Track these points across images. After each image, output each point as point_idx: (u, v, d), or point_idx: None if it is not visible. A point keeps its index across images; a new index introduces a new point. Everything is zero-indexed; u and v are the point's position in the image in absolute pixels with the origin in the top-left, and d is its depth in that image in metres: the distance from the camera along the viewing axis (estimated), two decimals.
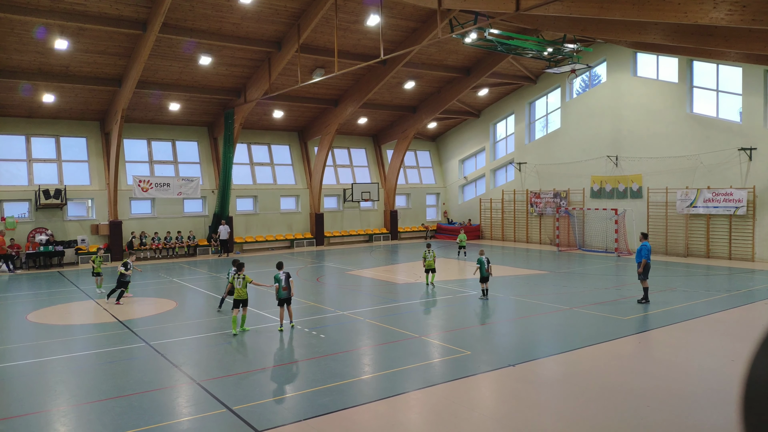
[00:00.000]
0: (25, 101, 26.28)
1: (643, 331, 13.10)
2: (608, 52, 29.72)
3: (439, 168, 41.55)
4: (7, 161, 27.34)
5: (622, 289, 18.35)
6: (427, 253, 18.89)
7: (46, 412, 8.71)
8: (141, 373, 10.47)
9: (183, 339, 13.02)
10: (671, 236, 27.32)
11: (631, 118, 29.04)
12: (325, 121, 33.40)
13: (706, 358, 10.91)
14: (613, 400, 8.76)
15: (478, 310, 15.85)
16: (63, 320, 15.52)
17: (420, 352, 11.54)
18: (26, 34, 21.89)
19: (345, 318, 14.75)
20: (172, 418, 8.30)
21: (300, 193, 35.13)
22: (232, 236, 31.61)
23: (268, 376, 10.29)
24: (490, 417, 8.36)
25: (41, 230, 26.97)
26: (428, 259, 18.81)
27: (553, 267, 24.16)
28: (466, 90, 32.52)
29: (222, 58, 26.09)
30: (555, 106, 33.67)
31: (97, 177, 29.11)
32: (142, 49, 23.04)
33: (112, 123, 27.63)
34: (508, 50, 25.48)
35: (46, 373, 10.67)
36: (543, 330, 13.48)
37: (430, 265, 18.85)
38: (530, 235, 34.65)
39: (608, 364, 10.63)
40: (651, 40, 19.42)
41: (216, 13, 22.73)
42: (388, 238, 37.50)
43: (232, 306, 13.43)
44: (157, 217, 30.43)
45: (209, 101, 29.95)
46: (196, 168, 32.19)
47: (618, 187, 29.61)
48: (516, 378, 9.86)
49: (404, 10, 24.75)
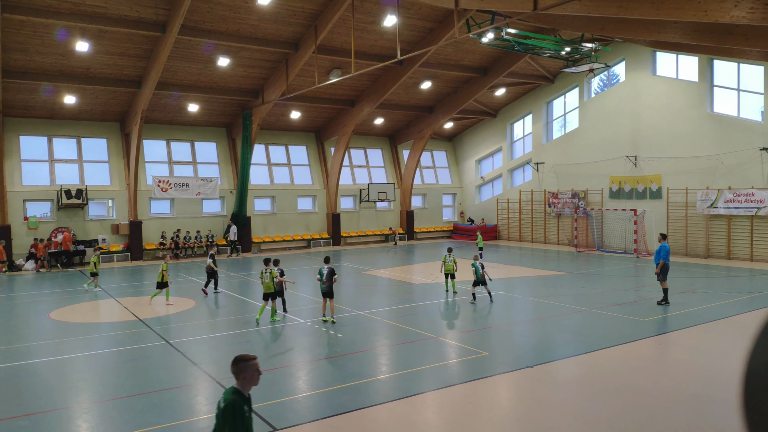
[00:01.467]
0: (47, 102, 26.71)
1: (663, 333, 12.97)
2: (627, 51, 29.45)
3: (456, 168, 41.46)
4: (30, 162, 27.80)
5: (641, 291, 18.19)
6: (447, 258, 17.90)
7: (68, 408, 8.86)
8: (161, 371, 10.60)
9: (202, 337, 13.16)
10: (691, 237, 27.00)
11: (650, 117, 28.75)
12: (341, 122, 33.51)
13: (725, 360, 10.77)
14: (632, 402, 8.70)
15: (496, 311, 15.80)
16: (84, 318, 15.76)
17: (437, 353, 11.55)
18: (48, 37, 22.25)
19: (362, 318, 14.80)
20: (191, 416, 8.40)
21: (317, 194, 35.27)
22: (248, 236, 31.81)
23: (286, 374, 10.36)
24: (507, 418, 8.34)
25: (63, 230, 27.37)
26: (448, 263, 17.84)
27: (571, 268, 24.01)
28: (483, 90, 32.41)
29: (240, 59, 26.29)
30: (573, 105, 33.44)
31: (117, 177, 29.49)
32: (162, 51, 23.30)
33: (132, 124, 27.98)
34: (526, 50, 25.35)
35: (68, 370, 10.85)
36: (561, 331, 13.42)
37: (450, 270, 17.85)
38: (548, 235, 34.44)
39: (627, 365, 10.55)
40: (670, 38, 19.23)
41: (234, 14, 22.91)
42: (404, 238, 37.51)
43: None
44: (177, 216, 30.74)
45: (227, 102, 30.19)
46: (214, 168, 32.47)
47: (637, 187, 29.33)
48: (534, 379, 9.83)
49: (421, 11, 24.75)
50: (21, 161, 27.42)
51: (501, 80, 32.31)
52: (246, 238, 31.77)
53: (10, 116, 26.87)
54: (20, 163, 27.37)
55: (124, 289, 20.43)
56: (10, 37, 21.82)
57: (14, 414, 8.50)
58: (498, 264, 25.19)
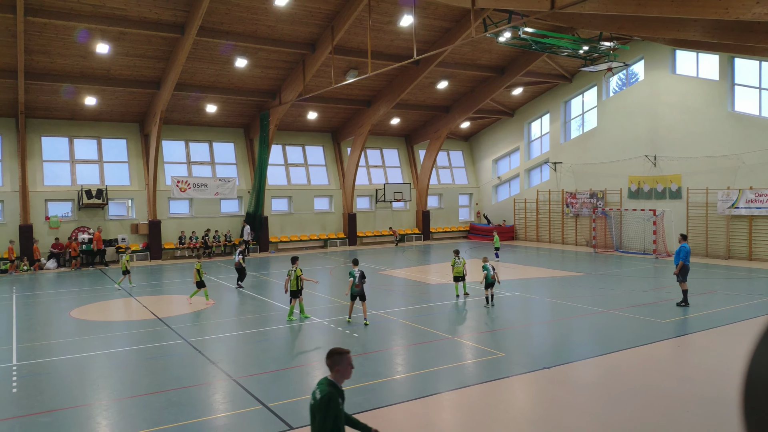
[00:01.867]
0: (68, 104, 27.11)
1: (682, 335, 12.82)
2: (646, 49, 29.13)
3: (472, 168, 41.32)
4: (52, 162, 28.24)
5: (660, 292, 17.99)
6: (456, 260, 17.25)
7: (88, 405, 8.99)
8: (179, 370, 10.71)
9: (220, 336, 13.28)
10: (711, 238, 26.63)
11: (669, 116, 28.42)
12: (358, 122, 33.57)
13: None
14: (651, 405, 8.61)
15: (513, 312, 15.73)
16: (104, 317, 15.97)
17: (453, 353, 11.53)
18: (69, 39, 22.58)
19: (378, 317, 14.82)
20: (209, 414, 8.48)
21: (333, 194, 35.38)
22: (266, 236, 32.01)
23: (303, 373, 10.41)
24: (524, 419, 8.31)
25: (84, 229, 27.77)
26: (457, 266, 17.22)
27: (589, 269, 23.82)
28: (500, 89, 32.26)
29: (257, 60, 26.46)
30: (591, 104, 33.16)
31: (136, 177, 29.84)
32: (180, 52, 23.53)
33: (152, 125, 28.29)
34: (543, 49, 25.19)
35: (88, 367, 11.01)
36: (579, 332, 13.32)
37: (460, 273, 17.25)
38: (566, 236, 34.20)
39: (646, 367, 10.44)
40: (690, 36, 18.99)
41: (251, 16, 23.06)
42: (420, 238, 37.47)
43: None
44: (195, 216, 31.03)
45: (245, 103, 30.40)
46: (232, 169, 32.72)
47: (656, 187, 29.00)
48: (551, 380, 9.77)
49: (437, 10, 24.71)
50: (43, 162, 27.87)
51: (518, 79, 32.13)
52: (263, 237, 31.97)
53: (32, 117, 27.32)
54: (42, 164, 27.82)
55: (143, 288, 20.66)
56: (33, 39, 22.17)
57: (36, 410, 8.65)
58: (515, 265, 25.06)
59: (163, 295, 19.41)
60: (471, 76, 31.84)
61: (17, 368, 10.86)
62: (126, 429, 7.93)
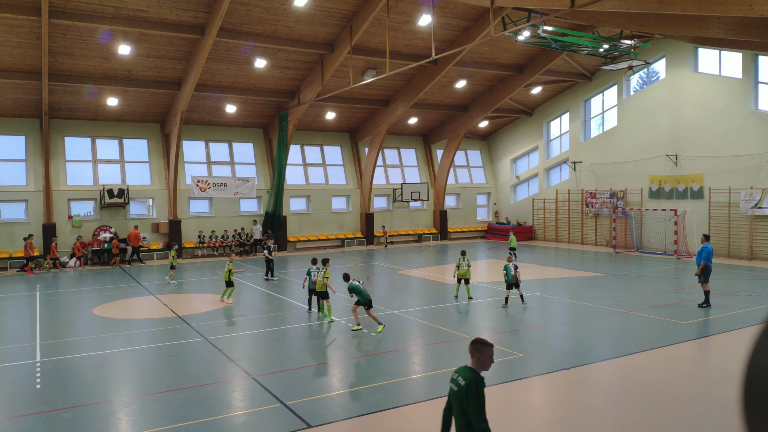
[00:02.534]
0: (90, 104, 27.51)
1: (704, 336, 12.65)
2: (667, 47, 28.76)
3: (491, 167, 41.13)
4: (74, 162, 28.69)
5: (681, 293, 17.76)
6: (461, 261, 17.00)
7: (110, 402, 9.12)
8: (199, 367, 10.82)
9: (239, 334, 13.38)
10: (734, 238, 26.22)
11: (691, 115, 28.03)
12: (375, 122, 33.60)
13: None
14: (672, 407, 8.51)
15: (531, 312, 15.64)
16: (125, 314, 16.19)
17: None
18: (92, 41, 22.91)
19: (395, 317, 14.83)
20: (228, 412, 8.55)
21: (351, 193, 35.46)
22: (284, 235, 32.19)
23: (321, 372, 10.46)
24: (543, 420, 8.26)
25: (105, 228, 28.16)
26: (462, 267, 16.95)
27: (609, 269, 23.59)
28: (519, 88, 32.07)
29: (276, 60, 26.61)
30: (611, 103, 32.83)
31: (157, 177, 30.19)
32: (201, 53, 23.76)
33: (172, 125, 28.60)
34: (563, 47, 24.99)
35: (110, 365, 11.17)
36: (598, 333, 13.21)
37: (464, 275, 16.97)
38: (585, 236, 33.90)
39: (666, 369, 10.32)
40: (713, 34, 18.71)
41: (271, 16, 23.20)
42: (437, 238, 37.41)
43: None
44: (215, 216, 31.31)
45: (264, 103, 30.59)
46: (251, 168, 32.96)
47: (678, 187, 28.62)
48: (570, 382, 9.70)
49: (456, 9, 24.63)
50: (66, 161, 28.32)
51: (537, 78, 31.92)
52: (281, 237, 32.15)
53: (55, 118, 27.77)
54: (65, 164, 28.27)
55: (163, 286, 20.90)
56: (57, 41, 22.53)
57: (59, 406, 8.80)
58: (534, 265, 24.90)
59: (183, 294, 19.62)
60: (489, 75, 31.69)
61: (41, 365, 11.05)
62: (146, 426, 8.04)
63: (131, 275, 23.78)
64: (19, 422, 8.23)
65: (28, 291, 20.24)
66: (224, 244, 30.61)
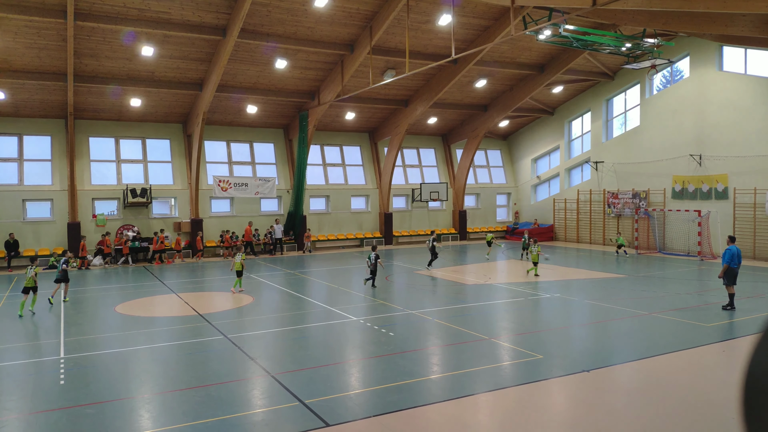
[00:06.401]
0: (114, 105, 27.93)
1: (728, 339, 12.44)
2: (691, 46, 28.32)
3: (511, 167, 40.89)
4: (99, 162, 29.16)
5: (705, 295, 17.49)
6: (533, 248, 22.01)
7: (131, 398, 9.25)
8: (219, 365, 10.93)
9: (259, 333, 13.48)
10: (759, 239, 25.73)
11: (716, 115, 27.57)
12: (395, 122, 33.61)
13: None
14: (694, 411, 8.39)
15: (552, 313, 15.53)
16: (147, 312, 16.41)
17: (490, 354, 11.45)
18: (116, 42, 23.25)
19: (414, 317, 14.82)
20: (247, 409, 8.62)
21: (370, 193, 35.52)
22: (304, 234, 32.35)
23: (340, 371, 10.49)
24: (562, 422, 8.20)
25: (129, 227, 28.57)
26: (533, 253, 21.84)
27: (631, 270, 23.31)
28: (540, 87, 31.84)
29: (297, 61, 26.76)
30: (634, 102, 32.43)
31: (179, 177, 30.55)
32: (222, 54, 23.98)
33: (194, 125, 28.91)
34: (584, 46, 24.76)
35: (132, 361, 11.33)
36: (620, 335, 13.06)
37: (535, 259, 21.73)
38: (607, 236, 33.52)
39: (689, 372, 10.18)
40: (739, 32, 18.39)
41: (292, 17, 23.33)
42: (456, 238, 37.29)
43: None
44: (236, 215, 31.58)
45: (285, 104, 30.78)
46: (272, 168, 33.19)
47: (701, 187, 28.17)
48: (590, 384, 9.61)
49: (476, 9, 24.54)
50: (90, 161, 28.80)
51: (558, 77, 31.66)
52: (301, 236, 32.31)
53: (80, 118, 28.25)
54: (89, 164, 28.75)
55: (185, 284, 21.14)
56: (82, 43, 22.92)
57: (82, 402, 8.95)
58: (554, 266, 24.69)
59: (204, 292, 19.82)
60: (510, 74, 31.52)
61: (65, 361, 11.25)
62: (167, 422, 8.14)
63: (153, 274, 24.08)
64: (43, 417, 8.39)
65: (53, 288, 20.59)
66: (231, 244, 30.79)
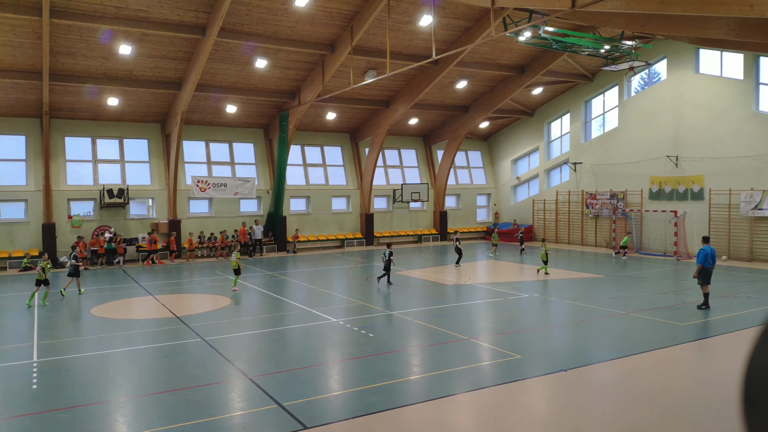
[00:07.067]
0: (91, 104, 27.51)
1: (703, 338, 12.61)
2: (669, 48, 28.72)
3: (491, 168, 41.10)
4: (75, 162, 28.69)
5: (681, 294, 17.72)
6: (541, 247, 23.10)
7: (107, 402, 9.10)
8: (196, 368, 10.80)
9: (237, 335, 13.36)
10: (734, 240, 26.17)
11: (692, 116, 27.98)
12: (376, 122, 33.58)
13: None
14: (670, 409, 8.48)
15: (530, 313, 15.62)
16: (123, 315, 16.17)
17: (469, 355, 11.47)
18: (93, 41, 22.91)
19: (393, 318, 14.80)
20: (224, 413, 8.53)
21: (351, 194, 35.44)
22: (284, 235, 32.18)
23: (318, 373, 10.43)
24: (540, 422, 8.23)
25: (105, 228, 28.15)
26: (541, 252, 22.58)
27: (608, 270, 23.55)
28: (520, 89, 32.05)
29: (277, 61, 26.60)
30: (612, 104, 32.79)
31: (157, 177, 30.19)
32: (201, 53, 23.75)
33: (172, 125, 28.59)
34: (564, 48, 24.94)
35: (107, 365, 11.15)
36: (597, 335, 13.17)
37: (543, 257, 22.39)
38: (585, 237, 33.86)
39: (665, 371, 10.29)
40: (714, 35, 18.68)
41: (272, 17, 23.19)
42: (437, 239, 37.38)
43: None
44: (215, 216, 31.30)
45: (265, 104, 30.58)
46: (251, 169, 32.95)
47: (678, 188, 28.58)
48: (568, 383, 9.67)
49: (457, 10, 24.61)
50: (66, 161, 28.32)
51: (538, 79, 31.89)
52: (281, 237, 32.13)
53: (56, 118, 27.78)
54: (65, 164, 28.27)
55: (162, 286, 20.89)
56: (58, 41, 22.54)
57: (55, 407, 8.78)
58: (533, 266, 24.85)
59: (182, 294, 19.61)
60: (490, 75, 31.68)
61: (38, 365, 11.03)
62: (142, 426, 8.01)
63: (130, 276, 23.76)
64: (15, 423, 8.21)
65: (28, 291, 20.20)
66: (225, 244, 30.56)
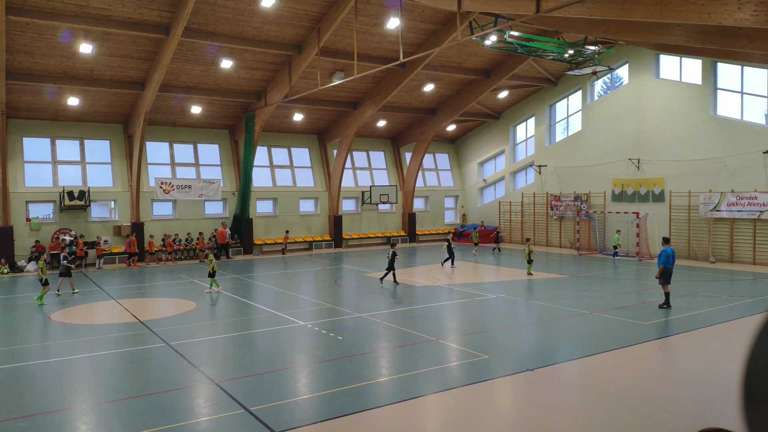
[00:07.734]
0: (50, 104, 26.78)
1: (665, 337, 12.92)
2: (630, 53, 29.39)
3: (458, 170, 41.42)
4: (33, 163, 27.87)
5: (643, 294, 18.12)
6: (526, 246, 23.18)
7: (68, 410, 8.85)
8: (160, 373, 10.59)
9: (202, 339, 13.15)
10: (694, 240, 26.91)
11: (653, 120, 28.69)
12: (344, 124, 33.52)
13: (728, 364, 10.71)
14: (633, 407, 8.65)
15: (497, 313, 15.76)
16: (85, 320, 15.76)
17: (438, 356, 11.51)
18: (53, 39, 22.32)
19: (362, 320, 14.77)
20: (190, 418, 8.38)
21: (319, 196, 35.28)
22: (250, 237, 31.83)
23: (286, 377, 10.34)
24: (508, 421, 8.31)
25: (65, 231, 27.42)
26: (525, 251, 22.96)
27: (573, 271, 23.94)
28: (486, 92, 32.39)
29: (243, 61, 26.33)
30: (576, 108, 33.40)
31: (120, 179, 29.54)
32: (165, 53, 23.35)
33: (135, 126, 28.03)
34: (529, 52, 25.34)
35: (68, 371, 10.84)
36: (562, 334, 13.37)
37: (526, 256, 22.76)
38: (550, 238, 34.38)
39: (628, 369, 10.50)
40: (674, 41, 19.16)
41: (238, 17, 22.94)
42: (406, 240, 37.48)
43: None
44: (179, 218, 30.77)
45: (230, 104, 30.23)
46: (217, 170, 32.51)
47: (640, 190, 29.25)
48: (535, 382, 9.79)
49: (424, 13, 24.75)
50: (24, 163, 27.47)
51: (504, 83, 32.29)
52: (248, 240, 31.79)
53: (13, 118, 26.94)
54: (23, 165, 27.42)
55: (125, 290, 20.44)
56: (15, 39, 21.88)
57: (13, 415, 8.50)
58: (500, 267, 25.13)
59: (146, 298, 19.22)
60: (457, 79, 31.94)
61: None
62: None
63: (92, 279, 23.18)
64: None
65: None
66: (189, 247, 30.10)
